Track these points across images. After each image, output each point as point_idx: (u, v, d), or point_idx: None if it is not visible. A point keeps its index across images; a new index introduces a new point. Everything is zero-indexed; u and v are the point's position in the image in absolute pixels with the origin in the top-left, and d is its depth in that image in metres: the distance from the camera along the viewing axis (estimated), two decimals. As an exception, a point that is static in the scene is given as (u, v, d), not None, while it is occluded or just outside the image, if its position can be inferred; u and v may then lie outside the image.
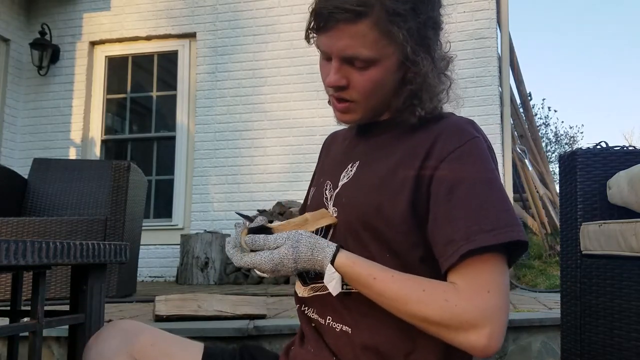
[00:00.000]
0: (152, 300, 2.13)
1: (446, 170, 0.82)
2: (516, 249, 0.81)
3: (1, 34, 5.44)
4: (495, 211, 0.79)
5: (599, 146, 1.71)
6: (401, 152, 0.87)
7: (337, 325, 0.87)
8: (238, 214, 0.93)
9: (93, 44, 5.69)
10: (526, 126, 6.96)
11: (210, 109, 5.27)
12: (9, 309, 1.06)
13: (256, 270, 0.83)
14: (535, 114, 15.76)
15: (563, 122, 33.47)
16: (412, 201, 0.82)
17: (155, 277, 5.14)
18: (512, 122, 5.99)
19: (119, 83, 5.80)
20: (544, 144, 15.74)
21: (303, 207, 1.12)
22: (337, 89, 0.87)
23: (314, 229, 0.87)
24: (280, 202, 4.58)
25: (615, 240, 1.51)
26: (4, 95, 5.48)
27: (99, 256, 0.97)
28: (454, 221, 0.79)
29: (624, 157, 1.68)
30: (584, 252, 1.67)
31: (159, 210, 5.51)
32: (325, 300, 0.88)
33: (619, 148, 1.71)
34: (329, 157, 1.06)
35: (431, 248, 0.83)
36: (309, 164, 4.87)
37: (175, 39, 5.54)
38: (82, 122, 5.54)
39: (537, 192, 6.14)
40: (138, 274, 4.07)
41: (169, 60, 5.65)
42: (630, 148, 1.71)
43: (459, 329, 0.76)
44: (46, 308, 0.90)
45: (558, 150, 18.72)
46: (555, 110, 31.05)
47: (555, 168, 13.17)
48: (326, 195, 0.94)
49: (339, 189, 0.92)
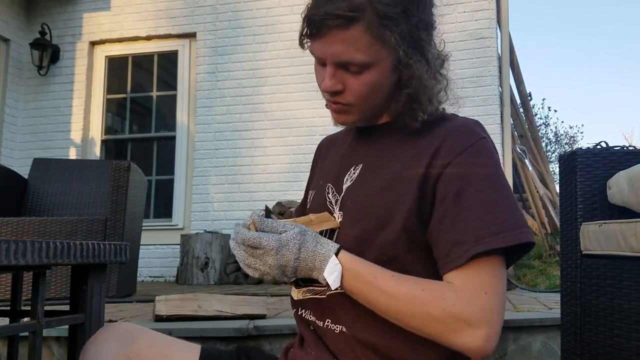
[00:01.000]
0: (152, 300, 2.13)
1: (454, 171, 0.82)
2: (519, 249, 0.81)
3: (1, 34, 5.44)
4: (504, 213, 0.80)
5: (599, 146, 1.71)
6: (406, 156, 0.87)
7: (336, 327, 0.87)
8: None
9: (93, 44, 5.69)
10: (526, 126, 6.96)
11: (210, 109, 5.27)
12: (9, 309, 1.06)
13: (246, 267, 0.82)
14: (535, 114, 15.77)
15: (563, 122, 33.52)
16: (418, 202, 0.83)
17: (155, 277, 5.14)
18: (512, 122, 5.99)
19: (119, 83, 5.80)
20: (544, 144, 15.74)
21: (301, 211, 1.11)
22: (333, 94, 0.87)
23: (317, 230, 0.88)
24: (280, 202, 4.58)
25: (615, 240, 1.51)
26: (4, 95, 5.48)
27: (99, 256, 0.97)
28: (462, 223, 0.79)
29: (624, 157, 1.68)
30: (584, 252, 1.67)
31: (159, 210, 5.51)
32: (321, 301, 0.88)
33: (619, 148, 1.71)
34: (327, 160, 1.06)
35: (428, 251, 0.83)
36: (309, 164, 4.77)
37: (175, 39, 5.54)
38: (82, 122, 5.54)
39: (537, 192, 6.14)
40: (138, 274, 4.08)
41: (169, 60, 5.65)
42: (630, 148, 1.71)
43: (456, 329, 0.76)
44: (46, 308, 0.90)
45: (558, 150, 18.72)
46: (555, 110, 31.12)
47: (555, 168, 13.17)
48: (330, 199, 0.94)
49: (343, 192, 0.92)
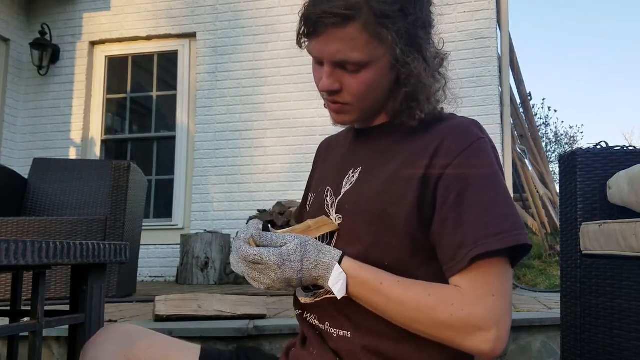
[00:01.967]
0: (152, 300, 2.13)
1: (454, 173, 0.81)
2: (520, 251, 0.81)
3: (1, 34, 5.44)
4: (501, 214, 0.80)
5: (599, 146, 1.71)
6: (403, 157, 0.87)
7: (341, 331, 0.87)
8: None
9: (93, 44, 5.69)
10: (526, 126, 6.96)
11: (210, 109, 5.27)
12: (9, 309, 1.06)
13: (251, 280, 0.81)
14: (535, 114, 15.77)
15: (563, 122, 33.53)
16: (418, 205, 0.82)
17: (155, 277, 5.14)
18: (512, 122, 5.99)
19: (119, 83, 5.80)
20: (544, 144, 15.74)
21: (300, 214, 1.10)
22: (331, 93, 0.87)
23: (316, 236, 0.87)
24: (280, 202, 4.58)
25: (615, 240, 1.51)
26: (4, 95, 5.48)
27: (99, 256, 0.97)
28: (462, 226, 0.79)
29: (624, 157, 1.68)
30: (584, 252, 1.67)
31: (159, 210, 5.51)
32: (326, 305, 0.88)
33: (619, 148, 1.71)
34: (326, 163, 1.05)
35: (431, 252, 0.83)
36: (309, 164, 4.81)
37: (175, 39, 5.54)
38: (82, 122, 5.54)
39: (537, 192, 6.14)
40: (138, 274, 4.08)
41: (169, 60, 5.65)
42: (630, 148, 1.71)
43: (466, 332, 0.76)
44: (46, 308, 0.90)
45: (558, 150, 18.72)
46: (555, 110, 31.09)
47: (555, 168, 13.17)
48: (327, 202, 0.93)
49: (341, 195, 0.91)
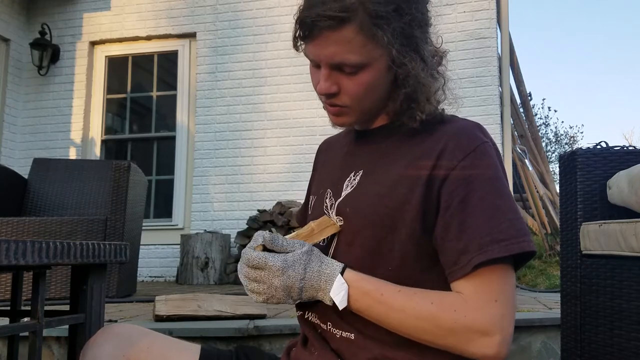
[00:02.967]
0: (152, 300, 2.13)
1: (457, 178, 0.81)
2: (524, 257, 0.81)
3: (1, 34, 5.43)
4: (506, 220, 0.79)
5: (599, 146, 1.71)
6: (406, 160, 0.86)
7: (343, 333, 0.87)
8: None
9: (93, 44, 5.69)
10: (526, 126, 6.95)
11: (210, 109, 5.27)
12: (9, 309, 1.06)
13: (250, 293, 0.82)
14: (535, 114, 15.79)
15: (563, 122, 33.60)
16: (421, 209, 0.82)
17: (155, 277, 5.14)
18: (512, 122, 5.99)
19: (119, 83, 5.80)
20: (544, 144, 15.75)
21: (303, 216, 1.10)
22: (329, 96, 0.87)
23: (320, 239, 0.88)
24: (280, 202, 4.58)
25: (615, 240, 1.51)
26: (4, 95, 5.47)
27: (99, 256, 0.97)
28: (466, 231, 0.79)
29: (624, 157, 1.68)
30: (584, 252, 1.67)
31: (159, 210, 5.51)
32: (327, 307, 0.87)
33: (619, 148, 1.71)
34: (326, 165, 1.05)
35: (435, 257, 0.83)
36: (309, 164, 4.84)
37: (175, 39, 5.54)
38: (82, 122, 5.54)
39: (537, 192, 6.14)
40: (138, 274, 4.08)
41: (169, 60, 5.65)
42: (630, 148, 1.71)
43: (470, 339, 0.77)
44: (46, 308, 0.90)
45: (558, 150, 18.74)
46: (555, 110, 31.21)
47: (555, 168, 13.17)
48: (326, 204, 0.93)
49: (342, 198, 0.91)
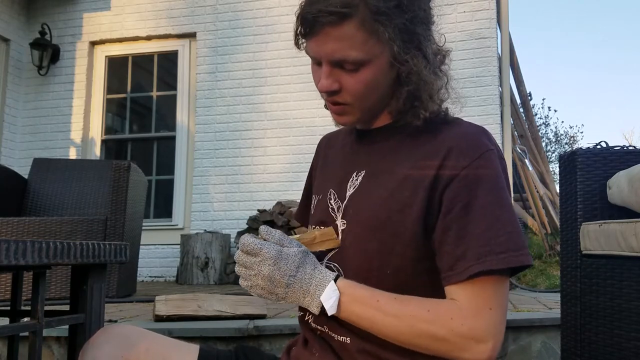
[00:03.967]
0: (152, 300, 2.13)
1: (460, 184, 0.81)
2: (519, 267, 0.81)
3: (1, 34, 5.43)
4: (506, 232, 0.79)
5: (599, 146, 1.71)
6: (409, 163, 0.86)
7: (340, 337, 0.87)
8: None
9: (93, 43, 5.69)
10: (526, 126, 6.95)
11: (210, 109, 5.27)
12: (9, 309, 1.06)
13: (241, 280, 0.83)
14: (535, 114, 15.79)
15: (563, 122, 33.59)
16: (424, 213, 0.82)
17: (155, 277, 5.14)
18: (512, 122, 5.98)
19: (119, 83, 5.80)
20: (544, 144, 15.75)
21: (304, 215, 1.10)
22: (330, 94, 0.86)
23: (319, 249, 0.88)
24: (280, 202, 4.58)
25: (615, 240, 1.51)
26: (4, 95, 5.47)
27: (99, 256, 0.97)
28: (465, 237, 0.79)
29: (624, 157, 1.68)
30: (584, 252, 1.67)
31: (159, 210, 5.51)
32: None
33: (619, 148, 1.71)
34: (327, 163, 1.04)
35: (432, 260, 0.83)
36: (309, 164, 4.77)
37: (175, 39, 5.54)
38: (82, 122, 5.53)
39: (537, 192, 6.14)
40: (138, 274, 4.07)
41: (169, 60, 5.65)
42: (630, 148, 1.71)
43: (465, 346, 0.77)
44: (46, 308, 0.90)
45: (558, 150, 18.74)
46: (555, 110, 31.16)
47: (555, 168, 13.16)
48: (332, 206, 0.92)
49: (347, 200, 0.90)
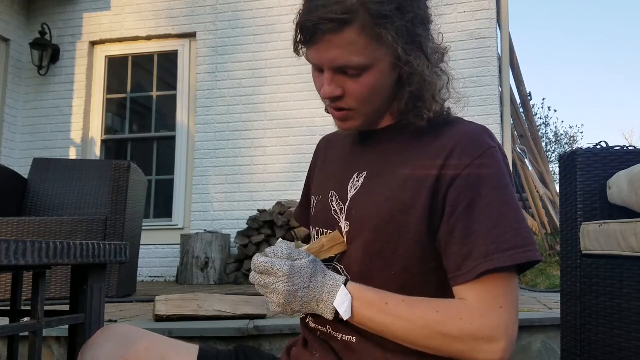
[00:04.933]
0: (152, 300, 2.13)
1: (464, 182, 0.81)
2: (528, 263, 0.81)
3: (1, 34, 5.43)
4: (512, 229, 0.79)
5: (599, 146, 1.71)
6: (412, 163, 0.85)
7: (344, 337, 0.87)
8: None
9: (93, 43, 5.69)
10: (526, 126, 6.95)
11: (210, 109, 5.27)
12: (9, 309, 1.06)
13: (266, 300, 0.84)
14: (535, 114, 15.79)
15: (563, 122, 33.63)
16: (427, 213, 0.82)
17: (155, 277, 5.14)
18: (512, 122, 5.98)
19: (119, 83, 5.80)
20: (544, 144, 15.75)
21: (304, 215, 1.09)
22: (334, 100, 0.86)
23: (328, 256, 0.88)
24: (280, 202, 4.58)
25: (615, 240, 1.51)
26: (4, 95, 5.47)
27: (99, 256, 0.97)
28: (471, 236, 0.79)
29: (624, 157, 1.68)
30: (584, 252, 1.67)
31: (159, 210, 5.51)
32: None
33: (619, 148, 1.71)
34: (327, 164, 1.04)
35: (438, 260, 0.83)
36: (309, 164, 4.83)
37: (175, 39, 5.54)
38: (82, 122, 5.53)
39: (537, 192, 6.14)
40: (138, 274, 4.08)
41: (169, 60, 5.65)
42: (630, 148, 1.71)
43: (476, 346, 0.77)
44: (46, 308, 0.90)
45: (558, 150, 18.74)
46: (555, 110, 31.20)
47: (555, 168, 13.16)
48: (334, 208, 0.92)
49: (349, 201, 0.90)
